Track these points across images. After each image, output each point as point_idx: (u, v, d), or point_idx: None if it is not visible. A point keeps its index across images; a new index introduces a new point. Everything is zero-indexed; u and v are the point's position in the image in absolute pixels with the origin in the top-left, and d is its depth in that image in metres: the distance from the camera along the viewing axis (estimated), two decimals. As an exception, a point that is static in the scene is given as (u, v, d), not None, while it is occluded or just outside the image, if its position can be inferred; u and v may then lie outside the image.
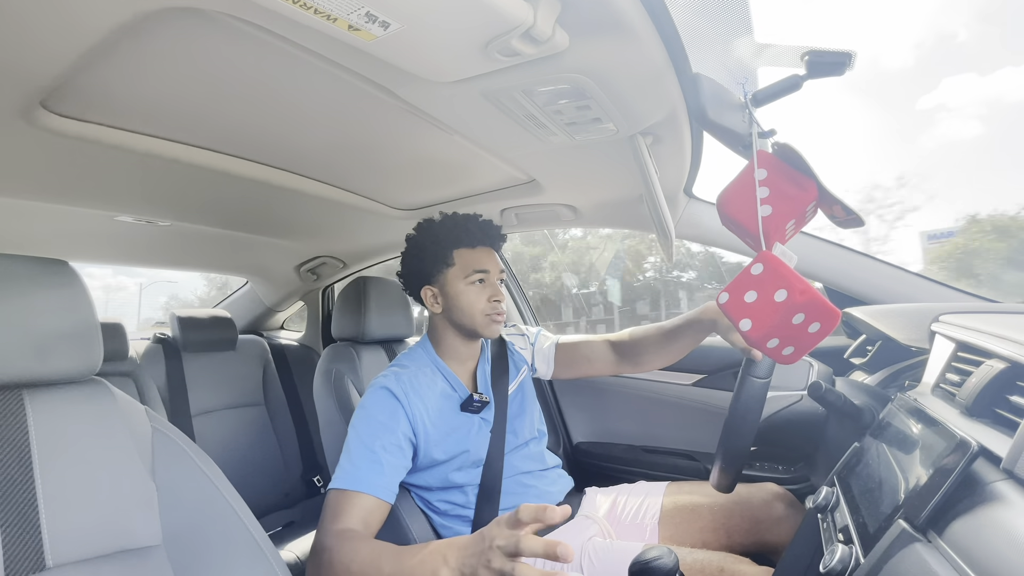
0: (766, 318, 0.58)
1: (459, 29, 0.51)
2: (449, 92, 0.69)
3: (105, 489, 0.71)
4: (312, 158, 1.04)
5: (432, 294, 1.02)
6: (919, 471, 0.44)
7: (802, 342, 0.59)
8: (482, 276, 0.99)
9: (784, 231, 0.64)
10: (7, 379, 0.69)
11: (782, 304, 0.57)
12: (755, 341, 0.60)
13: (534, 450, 1.10)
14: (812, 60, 0.56)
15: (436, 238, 1.01)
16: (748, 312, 0.59)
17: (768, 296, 0.58)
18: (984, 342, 0.55)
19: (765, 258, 0.60)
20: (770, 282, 0.58)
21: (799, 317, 0.57)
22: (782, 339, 0.59)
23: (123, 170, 0.98)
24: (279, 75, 0.70)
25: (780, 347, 0.60)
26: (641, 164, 0.85)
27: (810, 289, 0.57)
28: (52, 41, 0.58)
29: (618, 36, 0.56)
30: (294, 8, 0.46)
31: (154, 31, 0.57)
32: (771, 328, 0.58)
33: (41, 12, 0.52)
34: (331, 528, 0.79)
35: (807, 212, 0.65)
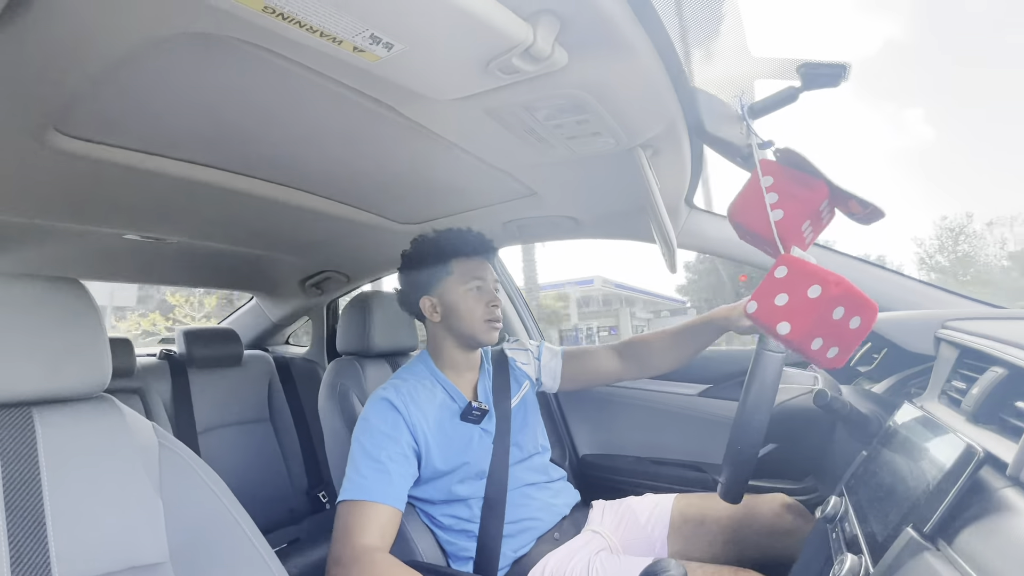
0: (804, 317, 0.56)
1: (461, 49, 0.52)
2: (452, 109, 0.70)
3: (112, 506, 0.71)
4: (317, 175, 1.06)
5: (431, 303, 1.04)
6: (926, 479, 0.44)
7: (845, 340, 0.56)
8: (479, 283, 1.02)
9: (800, 233, 0.63)
10: (17, 397, 0.70)
11: (818, 300, 0.55)
12: (797, 344, 0.57)
13: (538, 462, 1.09)
14: (807, 72, 0.57)
15: (435, 249, 1.04)
16: (783, 315, 0.57)
17: (801, 295, 0.56)
18: (988, 348, 0.54)
19: (787, 260, 0.59)
20: (799, 281, 0.57)
21: (839, 311, 0.55)
22: (825, 338, 0.56)
23: (132, 189, 1.00)
24: (285, 95, 0.71)
25: (824, 348, 0.57)
26: (642, 176, 0.86)
27: (843, 280, 0.55)
28: (67, 67, 0.60)
29: (616, 53, 0.57)
30: (300, 31, 0.48)
31: (164, 55, 0.58)
32: (811, 326, 0.56)
33: (57, 39, 0.54)
34: (350, 542, 0.79)
35: (822, 212, 0.65)
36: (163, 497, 0.76)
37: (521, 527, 0.99)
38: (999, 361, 0.51)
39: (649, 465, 1.51)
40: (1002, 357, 0.50)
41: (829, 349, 0.57)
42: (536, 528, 1.00)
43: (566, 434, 1.67)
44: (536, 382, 1.18)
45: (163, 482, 0.77)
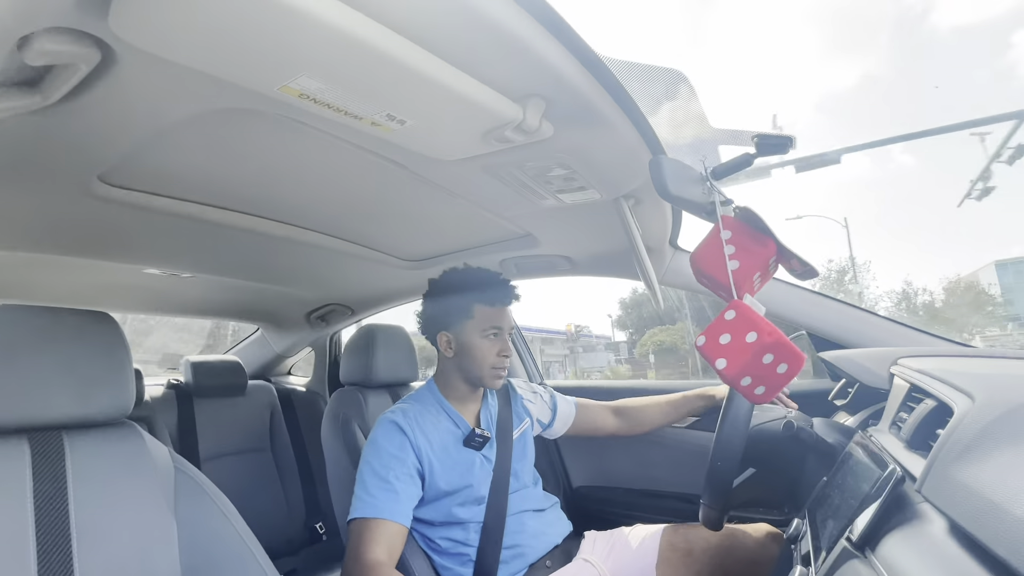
0: (739, 357, 0.64)
1: (461, 124, 0.62)
2: (453, 167, 0.80)
3: (131, 526, 0.77)
4: (329, 217, 1.15)
5: (447, 340, 1.09)
6: (863, 496, 0.50)
7: (771, 382, 0.64)
8: (496, 332, 1.07)
9: (752, 282, 0.72)
10: (50, 421, 0.77)
11: (753, 344, 0.63)
12: (730, 379, 0.65)
13: (533, 492, 1.15)
14: (760, 141, 0.67)
15: (461, 290, 1.09)
16: (723, 352, 0.65)
17: (741, 338, 0.64)
18: (924, 383, 0.62)
19: (737, 306, 0.67)
20: (742, 326, 0.65)
21: (768, 357, 0.62)
22: (754, 378, 0.64)
23: (161, 229, 1.09)
24: (306, 151, 0.81)
25: (752, 386, 0.65)
26: (624, 223, 0.95)
27: (776, 332, 0.63)
28: (119, 134, 0.69)
29: (594, 125, 0.67)
30: (328, 111, 0.57)
31: (208, 123, 0.68)
32: (743, 366, 0.63)
33: (114, 112, 0.63)
34: (360, 558, 0.85)
35: (769, 266, 0.74)
36: (177, 519, 0.82)
37: (514, 553, 1.03)
38: (930, 395, 0.58)
39: (640, 497, 1.54)
40: (932, 391, 0.58)
41: (757, 387, 0.64)
42: (528, 555, 1.04)
43: (560, 465, 1.71)
44: (540, 424, 1.25)
45: (178, 505, 0.83)
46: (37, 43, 0.44)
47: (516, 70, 0.57)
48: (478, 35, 0.52)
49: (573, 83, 0.60)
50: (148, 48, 0.45)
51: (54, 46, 0.45)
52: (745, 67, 63.83)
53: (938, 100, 51.70)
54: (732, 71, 61.48)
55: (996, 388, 0.46)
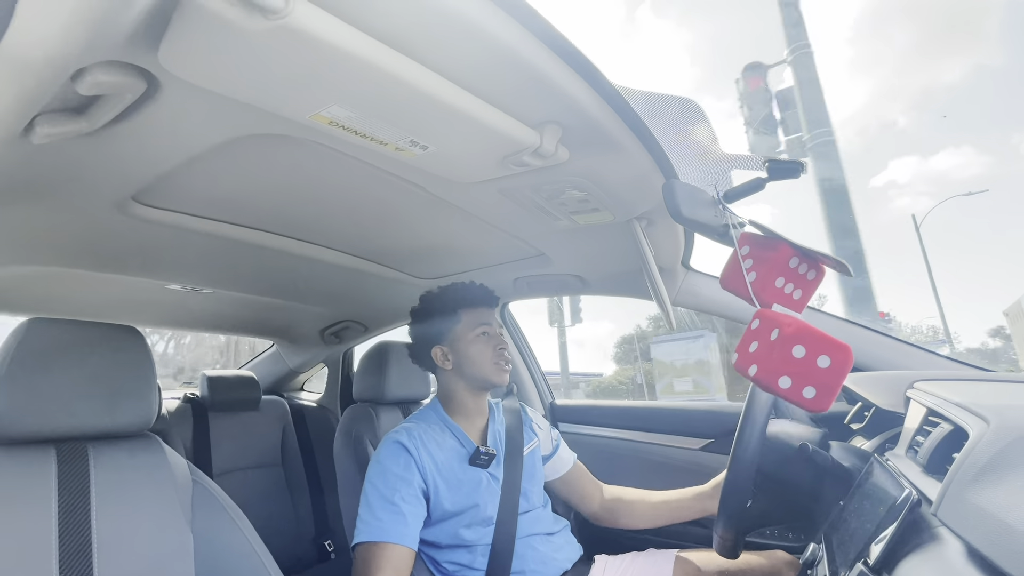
0: (767, 358, 0.60)
1: (481, 149, 0.64)
2: (471, 189, 0.83)
3: (150, 537, 0.78)
4: (348, 236, 1.18)
5: (443, 352, 1.11)
6: (879, 520, 0.50)
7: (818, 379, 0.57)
8: (486, 328, 1.11)
9: (775, 288, 0.70)
10: (76, 431, 0.79)
11: (777, 341, 0.59)
12: (766, 384, 0.61)
13: (543, 514, 1.13)
14: (772, 166, 0.69)
15: (443, 302, 1.14)
16: (753, 359, 0.62)
17: (766, 339, 0.61)
18: (940, 407, 0.62)
19: (760, 314, 0.65)
20: (766, 328, 0.62)
21: (799, 350, 0.57)
22: (794, 377, 0.58)
23: (185, 246, 1.13)
24: (330, 174, 0.84)
25: (797, 388, 0.58)
26: (637, 244, 0.97)
27: (798, 321, 0.59)
28: (156, 157, 0.73)
29: (609, 150, 0.69)
30: (355, 137, 0.60)
31: (241, 147, 0.71)
32: (775, 365, 0.59)
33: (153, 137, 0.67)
34: None
35: (796, 269, 0.72)
36: (194, 531, 0.83)
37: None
38: (947, 419, 0.58)
39: (652, 519, 1.52)
40: (948, 415, 0.58)
41: (803, 389, 0.58)
42: None
43: (571, 486, 1.69)
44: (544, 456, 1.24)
45: (195, 518, 0.84)
46: (90, 75, 0.48)
47: (534, 98, 0.60)
48: (498, 66, 0.55)
49: (588, 110, 0.62)
50: (192, 79, 0.48)
51: (106, 77, 0.48)
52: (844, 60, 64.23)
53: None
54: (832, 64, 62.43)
55: (1010, 412, 0.46)
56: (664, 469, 1.54)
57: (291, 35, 0.41)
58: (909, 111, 58.87)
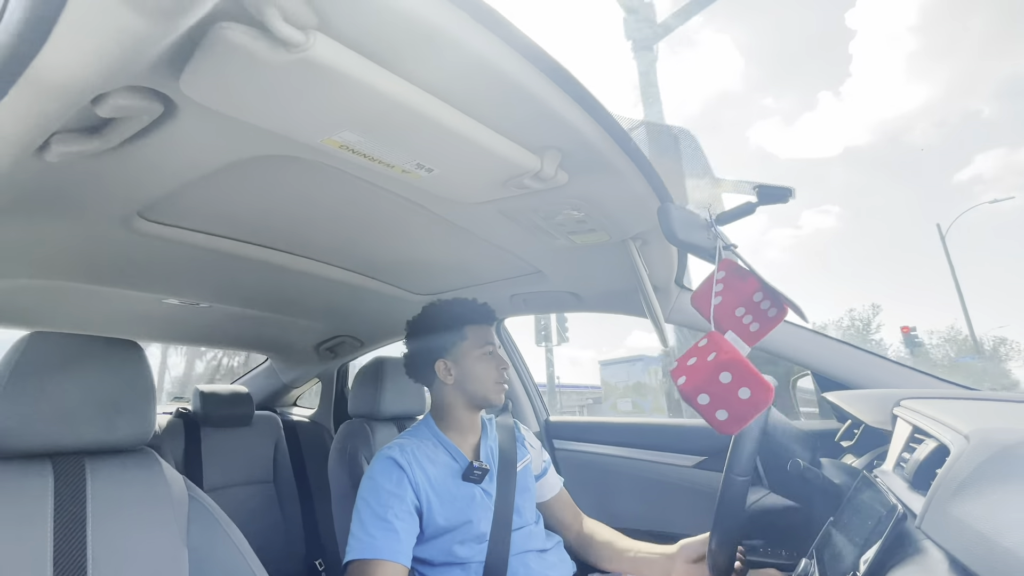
0: (697, 374, 0.64)
1: (484, 172, 0.67)
2: (472, 209, 0.85)
3: (145, 552, 0.78)
4: (347, 252, 1.20)
5: (446, 366, 1.11)
6: (868, 535, 0.52)
7: (733, 407, 0.62)
8: (491, 348, 1.11)
9: (735, 317, 0.73)
10: (74, 445, 0.79)
11: (711, 362, 0.63)
12: (687, 396, 0.65)
13: (535, 530, 1.13)
14: (761, 191, 0.72)
15: (450, 316, 1.14)
16: (685, 371, 0.66)
17: (703, 358, 0.65)
18: (925, 424, 0.64)
19: (711, 335, 0.68)
20: (707, 349, 0.66)
21: (726, 376, 0.62)
22: (712, 397, 0.63)
23: (186, 261, 1.14)
24: (335, 193, 0.86)
25: (712, 407, 0.63)
26: (632, 263, 1.00)
27: (736, 352, 0.63)
28: (166, 171, 0.74)
29: (606, 174, 0.72)
30: (363, 160, 0.63)
31: (247, 165, 0.73)
32: (700, 383, 0.63)
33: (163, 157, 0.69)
34: None
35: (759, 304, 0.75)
36: (189, 547, 0.82)
37: None
38: (931, 436, 0.60)
39: (646, 537, 1.51)
40: (932, 432, 0.60)
41: (717, 410, 0.63)
42: None
43: (565, 503, 1.69)
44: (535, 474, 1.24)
45: (190, 533, 0.84)
46: (111, 99, 0.50)
47: (535, 125, 0.62)
48: (502, 94, 0.57)
49: (587, 137, 0.65)
50: (211, 105, 0.50)
51: (125, 101, 0.50)
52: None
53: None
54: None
55: (989, 430, 0.48)
56: (658, 486, 1.54)
57: (310, 67, 0.43)
58: (994, 99, 58.43)
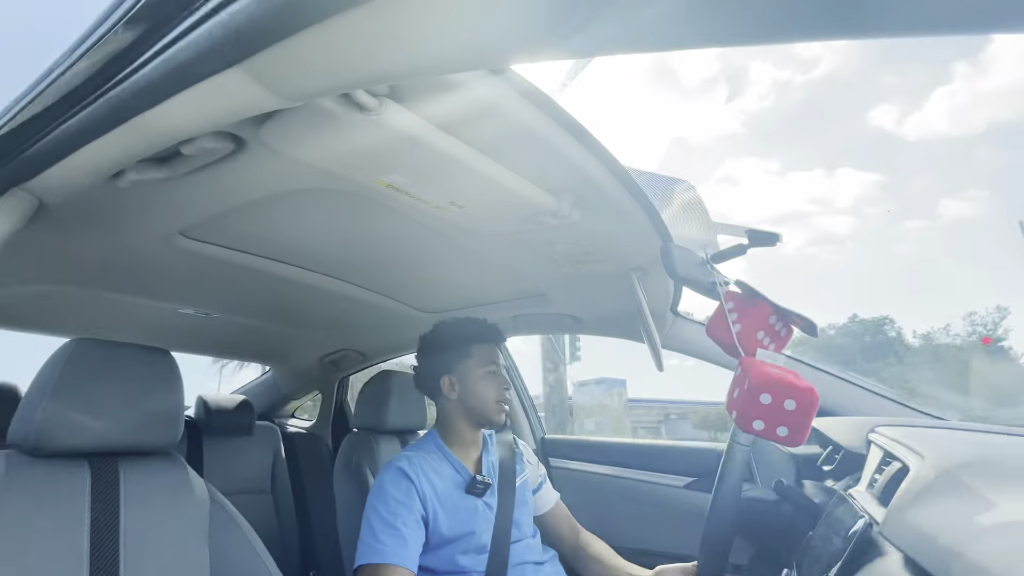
0: (743, 404, 0.69)
1: (508, 210, 0.75)
2: (489, 238, 0.93)
3: (171, 552, 0.83)
4: (362, 269, 1.27)
5: (450, 382, 1.16)
6: (838, 543, 0.59)
7: (787, 420, 0.66)
8: (495, 368, 1.15)
9: (756, 339, 0.81)
10: (109, 447, 0.84)
11: (747, 390, 0.68)
12: (744, 427, 0.70)
13: (533, 543, 1.19)
14: (751, 235, 0.81)
15: (457, 334, 1.18)
16: (734, 405, 0.71)
17: (743, 387, 0.71)
18: (893, 448, 0.72)
19: (743, 361, 0.76)
20: (742, 376, 0.72)
21: (765, 397, 0.67)
22: (766, 420, 0.67)
23: (208, 274, 1.20)
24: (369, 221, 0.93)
25: (770, 429, 0.68)
26: (632, 292, 1.08)
27: (763, 373, 0.68)
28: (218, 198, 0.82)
29: (615, 214, 0.81)
30: (404, 196, 0.71)
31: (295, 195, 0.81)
32: (748, 411, 0.68)
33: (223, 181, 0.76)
34: None
35: (774, 325, 0.83)
36: (210, 548, 0.87)
37: None
38: (897, 458, 0.68)
39: (638, 555, 1.56)
40: (898, 455, 0.68)
41: (776, 428, 0.68)
42: None
43: (559, 520, 1.73)
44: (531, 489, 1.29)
45: (211, 535, 0.89)
46: (197, 142, 0.57)
47: (555, 171, 0.71)
48: (527, 144, 0.66)
49: (599, 181, 0.74)
50: (283, 150, 0.58)
51: (209, 143, 0.58)
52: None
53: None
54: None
55: (942, 451, 0.56)
56: (648, 506, 1.59)
57: (377, 126, 0.51)
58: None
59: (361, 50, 0.37)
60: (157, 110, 0.47)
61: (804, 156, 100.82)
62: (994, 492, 0.45)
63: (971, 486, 0.47)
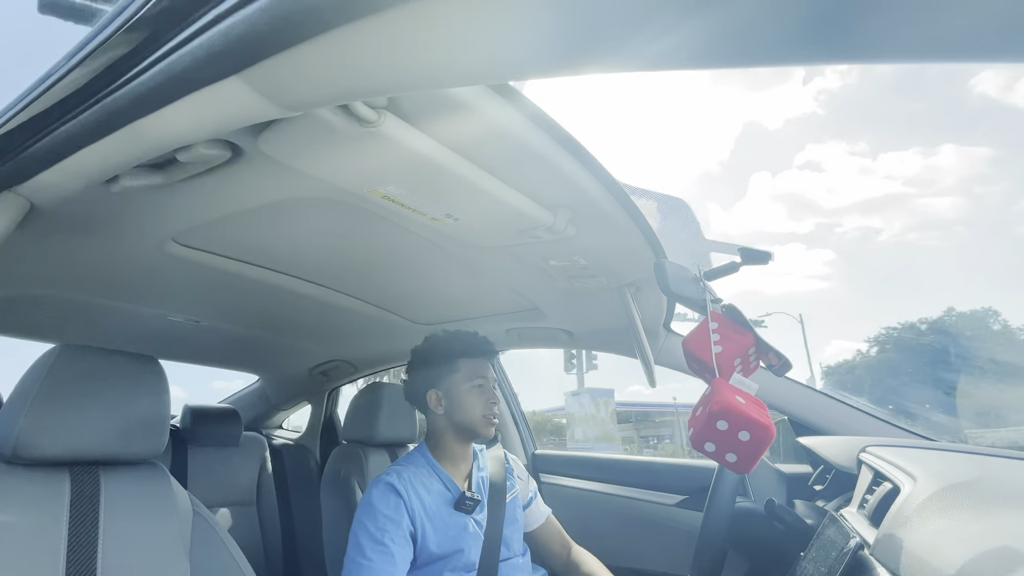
0: (700, 426, 0.71)
1: (503, 223, 0.75)
2: (485, 251, 0.94)
3: (150, 564, 0.81)
4: (357, 280, 1.26)
5: (437, 397, 1.15)
6: (831, 565, 0.59)
7: (740, 450, 0.68)
8: (482, 382, 1.14)
9: (732, 365, 0.82)
10: (91, 456, 0.82)
11: (707, 414, 0.70)
12: (696, 444, 0.71)
13: (522, 563, 1.17)
14: (744, 253, 0.82)
15: (445, 349, 1.18)
16: (693, 423, 0.73)
17: (704, 409, 0.72)
18: (883, 469, 0.72)
19: (715, 383, 0.76)
20: (707, 399, 0.73)
21: (722, 424, 0.68)
22: (718, 444, 0.69)
23: (200, 282, 1.19)
24: (360, 229, 0.93)
25: (720, 453, 0.70)
26: (625, 307, 1.08)
27: (725, 401, 0.69)
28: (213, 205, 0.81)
29: (609, 230, 0.81)
30: (400, 208, 0.71)
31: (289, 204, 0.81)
32: (702, 433, 0.70)
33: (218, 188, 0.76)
34: None
35: (750, 356, 0.85)
36: (192, 561, 0.85)
37: None
38: (888, 479, 0.68)
39: (627, 574, 1.54)
40: (889, 476, 0.68)
41: (726, 454, 0.70)
42: None
43: (549, 537, 1.71)
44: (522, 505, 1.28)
45: (193, 547, 0.87)
46: (193, 149, 0.57)
47: (551, 186, 0.72)
48: (525, 160, 0.67)
49: (595, 198, 0.74)
50: (280, 159, 0.58)
51: (205, 151, 0.58)
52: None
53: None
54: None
55: (933, 473, 0.56)
56: (639, 524, 1.58)
57: (375, 138, 0.52)
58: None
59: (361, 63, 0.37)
60: (154, 117, 0.47)
61: (897, 134, 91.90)
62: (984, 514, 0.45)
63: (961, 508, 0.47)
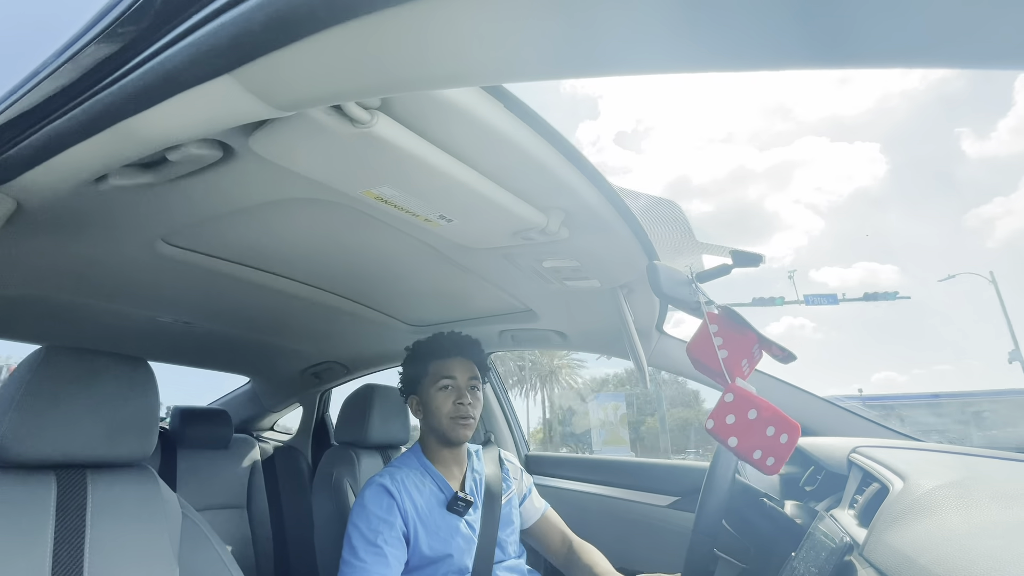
0: (747, 433, 0.73)
1: (496, 225, 0.75)
2: (478, 253, 0.93)
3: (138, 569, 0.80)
4: (349, 281, 1.26)
5: (416, 402, 1.16)
6: (822, 565, 0.59)
7: (777, 452, 0.72)
8: (449, 382, 1.12)
9: (741, 367, 0.83)
10: (77, 459, 0.81)
11: (755, 420, 0.72)
12: (743, 454, 0.73)
13: (518, 565, 1.17)
14: (735, 255, 0.82)
15: (418, 354, 1.19)
16: (732, 431, 0.74)
17: (744, 416, 0.73)
18: (873, 469, 0.73)
19: (733, 388, 0.77)
20: (742, 405, 0.74)
21: (771, 429, 0.71)
22: (764, 450, 0.72)
23: (190, 282, 1.18)
24: (354, 231, 0.93)
25: (764, 458, 0.72)
26: (618, 309, 1.09)
27: (772, 406, 0.72)
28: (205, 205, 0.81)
29: (602, 232, 0.82)
30: (393, 209, 0.71)
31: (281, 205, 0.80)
32: (753, 441, 0.72)
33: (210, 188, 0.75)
34: None
35: (754, 352, 0.85)
36: (180, 565, 0.84)
37: None
38: (877, 479, 0.69)
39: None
40: (879, 476, 0.68)
41: (767, 459, 0.72)
42: None
43: (542, 539, 1.71)
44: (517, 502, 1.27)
45: (182, 551, 0.86)
46: (184, 148, 0.57)
47: (545, 188, 0.72)
48: (519, 162, 0.67)
49: (588, 200, 0.75)
50: (272, 159, 0.58)
51: (196, 150, 0.57)
52: None
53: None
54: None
55: (922, 473, 0.57)
56: (631, 525, 1.58)
57: (368, 138, 0.51)
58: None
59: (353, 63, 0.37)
60: (144, 115, 0.47)
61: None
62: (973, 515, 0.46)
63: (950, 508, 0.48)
